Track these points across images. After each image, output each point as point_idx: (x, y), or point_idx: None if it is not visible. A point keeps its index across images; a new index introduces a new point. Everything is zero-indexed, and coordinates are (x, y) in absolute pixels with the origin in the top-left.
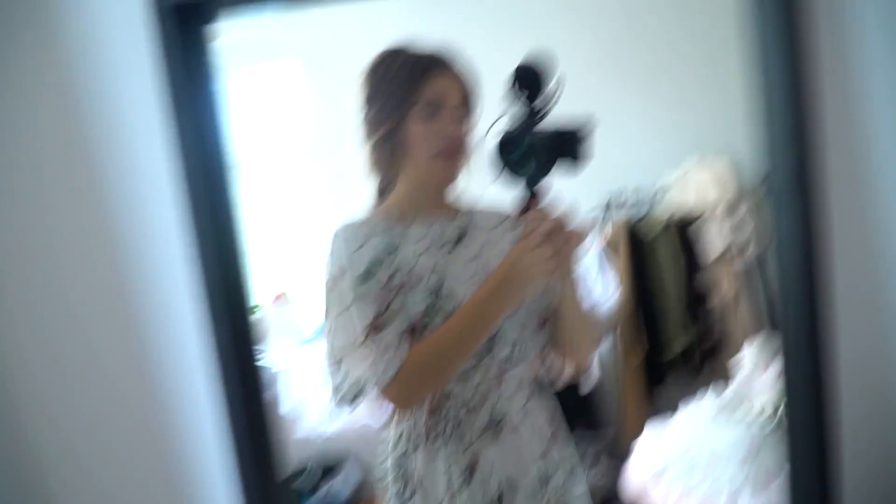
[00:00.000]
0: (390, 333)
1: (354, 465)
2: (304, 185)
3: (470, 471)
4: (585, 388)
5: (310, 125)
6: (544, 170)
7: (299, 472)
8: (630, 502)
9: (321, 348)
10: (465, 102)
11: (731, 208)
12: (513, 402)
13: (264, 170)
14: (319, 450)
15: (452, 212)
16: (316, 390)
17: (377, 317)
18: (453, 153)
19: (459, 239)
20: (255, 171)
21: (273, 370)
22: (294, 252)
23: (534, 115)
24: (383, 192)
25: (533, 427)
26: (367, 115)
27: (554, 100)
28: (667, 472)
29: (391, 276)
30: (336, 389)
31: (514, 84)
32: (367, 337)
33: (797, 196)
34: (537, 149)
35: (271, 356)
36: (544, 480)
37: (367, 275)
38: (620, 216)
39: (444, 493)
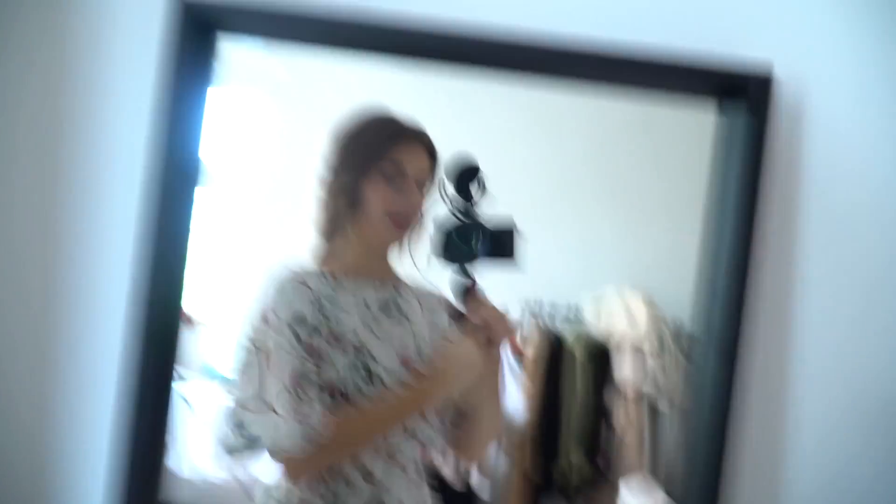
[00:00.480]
0: (303, 398)
1: None
2: (252, 213)
3: None
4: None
5: (273, 158)
6: (485, 258)
7: None
8: None
9: (222, 387)
10: (426, 177)
11: (647, 346)
12: (397, 487)
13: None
14: (202, 495)
15: (389, 278)
16: (209, 428)
17: (293, 376)
18: (406, 219)
19: (390, 306)
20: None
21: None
22: (219, 277)
23: (470, 209)
24: (325, 242)
25: None
26: (330, 163)
27: (483, 196)
28: None
29: (316, 333)
30: (225, 437)
31: (453, 177)
32: (277, 394)
33: (723, 357)
34: (479, 239)
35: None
36: None
37: (293, 327)
38: (536, 326)
39: None
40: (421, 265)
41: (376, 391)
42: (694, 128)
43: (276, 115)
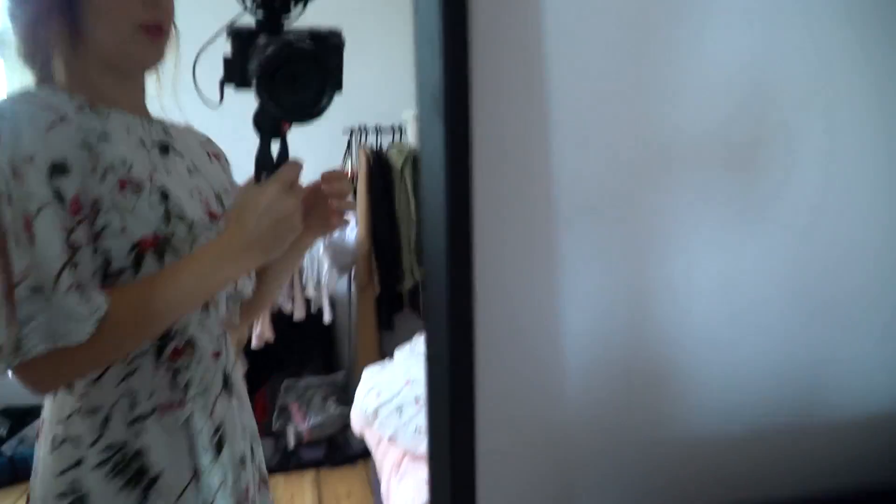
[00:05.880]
0: (74, 269)
1: None
2: None
3: (219, 441)
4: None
5: None
6: (306, 89)
7: None
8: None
9: None
10: None
11: None
12: (233, 363)
13: None
14: (15, 390)
15: (147, 113)
16: None
17: (70, 242)
18: (157, 30)
19: (165, 147)
20: None
21: None
22: None
23: (280, 22)
24: (44, 71)
25: (241, 390)
26: None
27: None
28: (380, 412)
29: (104, 173)
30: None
31: None
32: (57, 276)
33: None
34: (298, 62)
35: None
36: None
37: (56, 173)
38: (360, 148)
39: (188, 473)
40: (204, 97)
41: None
42: None
43: None
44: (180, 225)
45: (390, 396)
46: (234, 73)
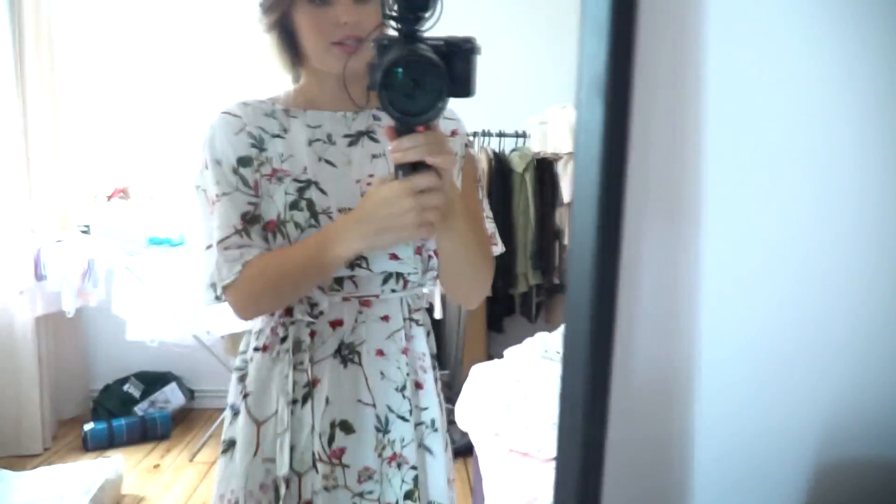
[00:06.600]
0: (243, 238)
1: (179, 382)
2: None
3: (308, 391)
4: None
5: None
6: (434, 89)
7: (123, 380)
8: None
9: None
10: None
11: None
12: (372, 333)
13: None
14: (150, 357)
15: (368, 106)
16: (153, 294)
17: (244, 216)
18: (356, 43)
19: (362, 138)
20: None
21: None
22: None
23: (416, 31)
24: (293, 79)
25: (392, 361)
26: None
27: (437, 16)
28: (487, 408)
29: (257, 168)
30: (204, 286)
31: None
32: (225, 237)
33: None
34: (416, 66)
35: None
36: (385, 423)
37: (239, 165)
38: (483, 151)
39: (272, 409)
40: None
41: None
42: None
43: None
44: (302, 213)
45: (499, 393)
46: (373, 77)
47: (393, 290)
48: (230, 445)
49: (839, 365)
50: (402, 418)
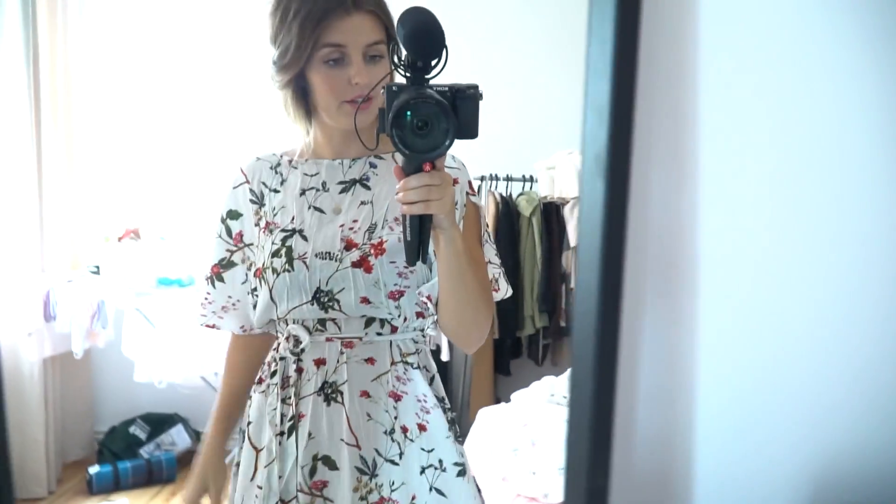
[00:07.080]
0: (213, 283)
1: (185, 424)
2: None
3: (293, 424)
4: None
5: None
6: (441, 134)
7: (129, 422)
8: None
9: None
10: (379, 42)
11: None
12: (355, 374)
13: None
14: (156, 398)
15: (367, 154)
16: (161, 335)
17: (220, 262)
18: (366, 99)
19: (356, 185)
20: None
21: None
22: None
23: (424, 78)
24: (305, 132)
25: (380, 404)
26: (272, 57)
27: (443, 63)
28: (494, 452)
29: (260, 220)
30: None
31: (405, 41)
32: (205, 276)
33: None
34: (439, 118)
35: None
36: (372, 466)
37: (227, 217)
38: (490, 195)
39: (267, 438)
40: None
41: (295, 277)
42: None
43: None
44: (280, 260)
45: (506, 437)
46: (383, 122)
47: (378, 334)
48: (237, 467)
49: (830, 427)
50: (392, 462)
